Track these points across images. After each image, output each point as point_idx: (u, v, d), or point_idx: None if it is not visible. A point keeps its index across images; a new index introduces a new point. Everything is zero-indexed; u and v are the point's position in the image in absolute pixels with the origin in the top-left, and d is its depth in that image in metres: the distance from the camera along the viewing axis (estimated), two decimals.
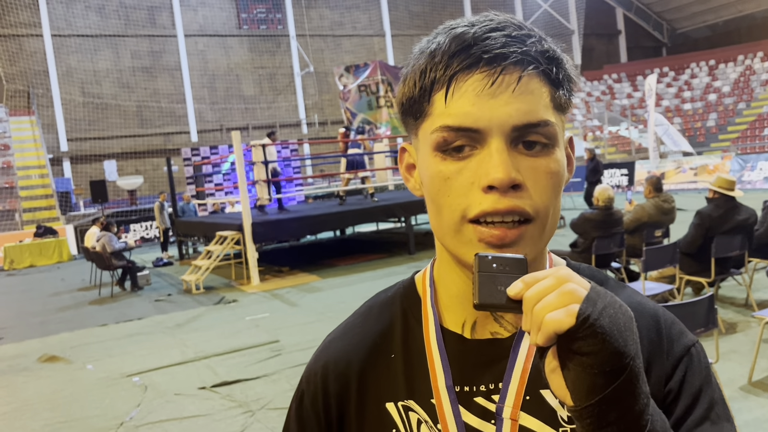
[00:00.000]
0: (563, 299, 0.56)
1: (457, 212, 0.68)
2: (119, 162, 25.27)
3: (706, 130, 26.97)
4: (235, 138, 10.53)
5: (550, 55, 0.68)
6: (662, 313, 0.77)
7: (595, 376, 0.56)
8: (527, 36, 0.68)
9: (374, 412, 0.78)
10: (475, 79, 0.66)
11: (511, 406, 0.72)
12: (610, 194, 6.46)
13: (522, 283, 0.59)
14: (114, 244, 10.65)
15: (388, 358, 0.79)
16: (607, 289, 0.77)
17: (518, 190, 0.66)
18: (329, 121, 29.15)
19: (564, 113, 0.72)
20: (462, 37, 0.67)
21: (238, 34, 28.48)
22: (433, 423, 0.74)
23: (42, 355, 6.90)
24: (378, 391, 0.78)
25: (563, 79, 0.70)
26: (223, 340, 6.78)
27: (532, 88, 0.67)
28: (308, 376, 0.84)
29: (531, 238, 0.68)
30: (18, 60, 24.21)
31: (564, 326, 0.55)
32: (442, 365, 0.75)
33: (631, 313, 0.59)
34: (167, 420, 4.69)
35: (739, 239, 5.80)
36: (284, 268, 11.42)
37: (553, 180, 0.69)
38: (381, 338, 0.81)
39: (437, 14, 32.05)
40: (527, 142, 0.67)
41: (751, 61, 30.50)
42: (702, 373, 0.73)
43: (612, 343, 0.55)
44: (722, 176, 5.91)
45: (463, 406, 0.74)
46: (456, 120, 0.67)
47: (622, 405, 0.56)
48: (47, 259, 16.79)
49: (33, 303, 10.75)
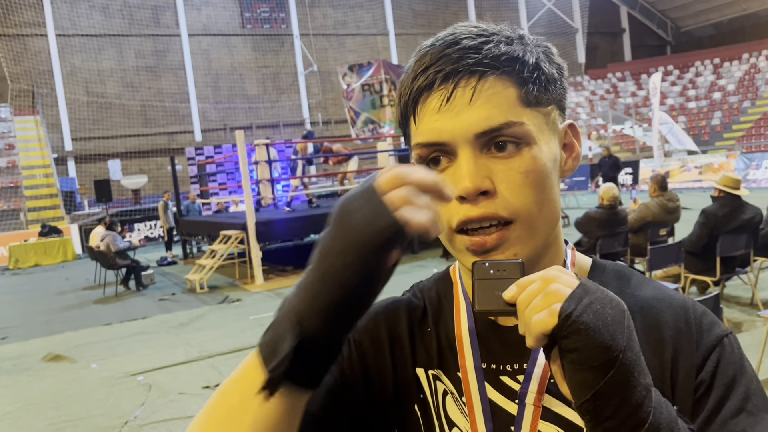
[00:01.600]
0: (547, 300, 0.58)
1: (445, 223, 0.71)
2: (123, 161, 25.33)
3: (710, 128, 26.87)
4: (239, 137, 10.54)
5: (508, 57, 0.70)
6: (692, 304, 0.76)
7: (585, 371, 0.57)
8: (484, 42, 0.70)
9: (406, 373, 0.80)
10: (434, 98, 0.70)
11: (535, 391, 0.72)
12: (615, 193, 6.44)
13: (516, 287, 0.61)
14: (118, 244, 10.67)
15: (424, 331, 0.82)
16: (632, 284, 0.78)
17: (489, 196, 0.68)
18: (333, 120, 29.16)
19: (542, 106, 0.72)
20: (422, 60, 0.71)
21: (241, 33, 28.51)
22: (458, 395, 0.76)
23: (46, 354, 6.92)
24: (413, 355, 0.81)
25: (529, 75, 0.70)
26: (226, 340, 6.78)
27: (491, 94, 0.68)
28: (368, 315, 0.83)
29: (518, 239, 0.70)
30: (22, 60, 24.27)
31: (548, 326, 0.57)
32: (471, 343, 0.77)
33: (623, 306, 0.60)
34: (171, 419, 4.70)
35: (744, 238, 5.78)
36: (288, 268, 11.43)
37: (531, 177, 0.69)
38: (422, 313, 0.84)
39: (441, 13, 32.04)
40: (498, 144, 0.69)
41: (756, 59, 30.39)
42: (736, 363, 0.71)
43: (597, 337, 0.56)
44: (727, 175, 5.88)
45: (489, 383, 0.75)
46: (424, 137, 0.71)
47: (616, 398, 0.57)
48: (52, 258, 16.84)
49: (37, 302, 10.78)
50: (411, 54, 0.75)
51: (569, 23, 35.67)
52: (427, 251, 11.71)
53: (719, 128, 26.67)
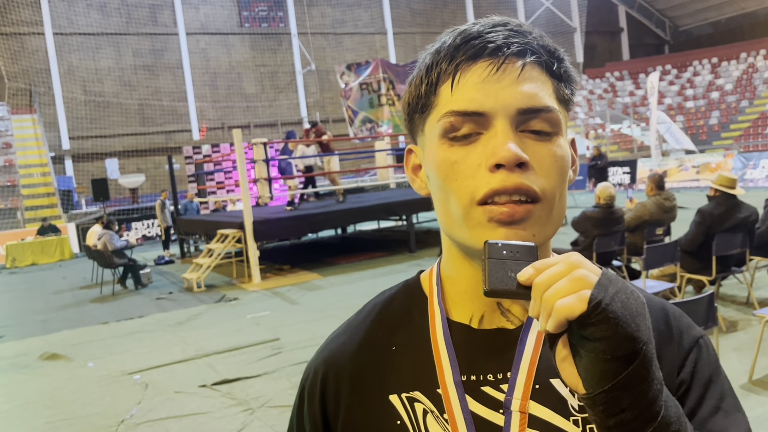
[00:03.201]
0: (574, 285, 0.56)
1: (466, 196, 0.69)
2: (121, 160, 25.30)
3: (708, 128, 26.90)
4: (236, 136, 10.54)
5: (551, 50, 0.72)
6: (669, 306, 0.78)
7: (607, 362, 0.55)
8: (528, 32, 0.71)
9: (378, 404, 0.77)
10: (479, 67, 0.69)
11: (520, 398, 0.71)
12: (612, 192, 6.45)
13: (533, 269, 0.59)
14: (115, 242, 10.66)
15: (390, 351, 0.79)
16: None
17: (524, 168, 0.67)
18: (331, 119, 29.13)
19: (566, 108, 0.74)
20: (466, 32, 0.71)
21: (239, 32, 28.48)
22: (439, 413, 0.74)
23: (43, 353, 6.91)
24: (380, 384, 0.78)
25: (564, 74, 0.72)
26: (223, 338, 6.78)
27: (535, 77, 0.70)
28: (308, 372, 0.85)
29: (539, 219, 0.69)
30: (20, 58, 24.23)
31: (576, 312, 0.55)
32: (449, 356, 0.75)
33: (643, 299, 0.59)
34: (167, 418, 4.70)
35: (740, 237, 5.79)
36: (285, 267, 11.43)
37: (558, 164, 0.70)
38: (383, 332, 0.81)
39: (439, 12, 32.02)
40: (532, 129, 0.69)
41: (753, 58, 30.43)
42: (712, 364, 0.73)
43: (625, 328, 0.55)
44: (723, 174, 5.89)
45: (470, 395, 0.73)
46: (462, 105, 0.69)
47: (635, 391, 0.56)
48: (49, 257, 16.82)
49: (35, 301, 10.77)
50: (409, 50, 0.75)
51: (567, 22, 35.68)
52: (424, 250, 11.72)
53: (717, 128, 26.69)
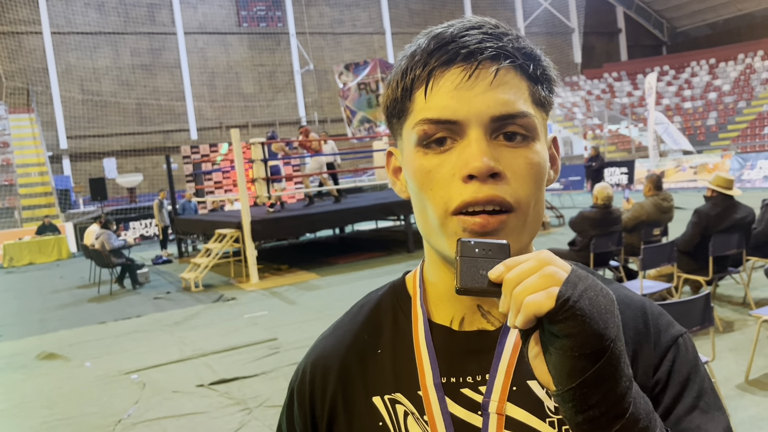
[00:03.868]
0: (544, 282, 0.56)
1: (441, 205, 0.69)
2: (119, 160, 25.27)
3: (706, 128, 26.95)
4: (234, 136, 10.53)
5: (526, 52, 0.70)
6: (649, 305, 0.78)
7: (575, 359, 0.56)
8: (503, 34, 0.70)
9: (362, 406, 0.78)
10: (452, 74, 0.68)
11: (497, 400, 0.72)
12: (609, 193, 6.46)
13: (503, 267, 0.59)
14: (113, 242, 10.65)
15: (375, 354, 0.80)
16: None
17: (497, 179, 0.67)
18: (329, 119, 29.13)
19: (544, 110, 0.73)
20: (440, 36, 0.70)
21: (237, 31, 28.46)
22: (419, 415, 0.74)
23: (40, 352, 6.90)
24: (365, 385, 0.79)
25: (541, 75, 0.71)
26: (221, 338, 6.78)
27: (509, 81, 0.69)
28: (297, 373, 0.86)
29: (513, 229, 0.69)
30: (17, 57, 24.19)
31: (544, 308, 0.55)
32: (430, 359, 0.76)
33: (613, 296, 0.59)
34: (165, 417, 4.70)
35: (736, 238, 5.80)
36: (283, 266, 11.42)
37: (534, 171, 0.69)
38: (369, 335, 0.82)
39: (437, 12, 32.03)
40: (507, 134, 0.68)
41: (751, 59, 30.48)
42: (690, 362, 0.73)
43: (592, 325, 0.55)
44: (720, 175, 5.91)
45: (449, 397, 0.74)
46: (435, 113, 0.68)
47: (603, 387, 0.56)
48: (46, 256, 16.80)
49: (32, 300, 10.75)
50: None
51: (565, 23, 35.71)
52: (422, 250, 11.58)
53: (714, 128, 26.74)
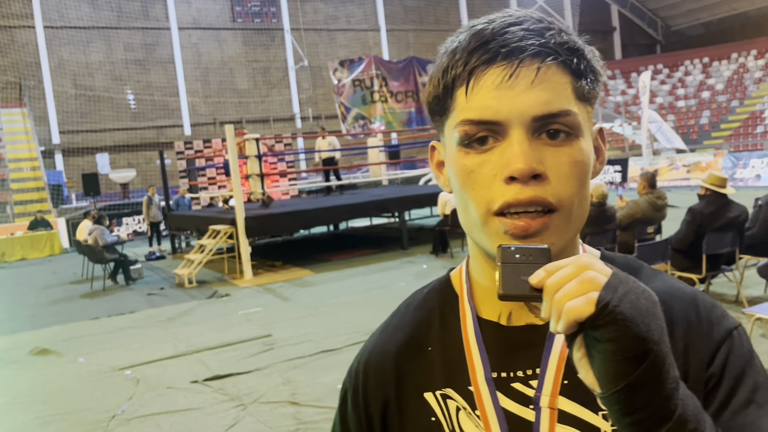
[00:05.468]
0: (583, 287, 0.56)
1: (482, 205, 0.69)
2: (112, 155, 25.15)
3: (699, 127, 27.07)
4: (228, 132, 10.50)
5: (569, 47, 0.69)
6: (701, 297, 0.76)
7: (618, 362, 0.56)
8: (546, 29, 0.69)
9: (414, 402, 0.79)
10: (493, 73, 0.68)
11: (549, 394, 0.72)
12: (604, 191, 6.48)
13: (544, 272, 0.59)
14: (106, 238, 10.61)
15: (425, 351, 0.81)
16: (641, 277, 0.77)
17: (540, 180, 0.67)
18: (323, 115, 29.07)
19: (589, 104, 0.72)
20: (481, 34, 0.69)
21: (232, 27, 28.36)
22: (471, 409, 0.75)
23: (33, 348, 6.88)
24: (416, 382, 0.80)
25: (585, 69, 0.70)
26: (215, 334, 6.77)
27: (551, 79, 0.68)
28: (350, 374, 0.87)
29: (556, 229, 0.68)
30: (10, 51, 24.02)
31: (584, 314, 0.55)
32: (480, 354, 0.76)
33: (656, 297, 0.59)
34: (159, 413, 4.69)
35: (730, 236, 5.83)
36: (277, 263, 11.42)
37: (577, 169, 0.69)
38: (418, 332, 0.83)
39: (432, 9, 32.00)
40: (550, 132, 0.68)
41: (744, 59, 30.62)
42: (745, 356, 0.71)
43: (633, 329, 0.55)
44: (714, 173, 5.93)
45: (501, 392, 0.74)
46: (476, 113, 0.68)
47: (648, 390, 0.56)
48: (39, 252, 16.71)
49: (24, 296, 10.70)
50: (402, 47, 0.73)
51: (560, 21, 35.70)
52: (416, 247, 11.74)
53: (708, 127, 26.87)
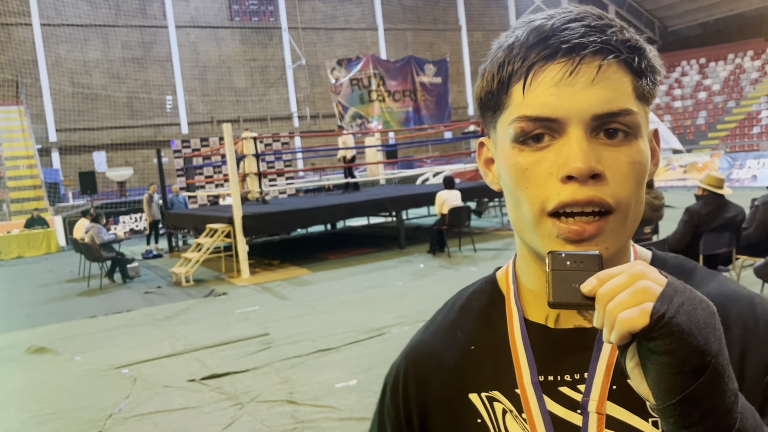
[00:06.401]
0: (637, 297, 0.54)
1: (536, 204, 0.67)
2: (109, 153, 25.09)
3: (695, 128, 27.13)
4: (226, 130, 10.49)
5: (631, 45, 0.67)
6: (759, 300, 0.73)
7: (674, 375, 0.54)
8: (607, 26, 0.67)
9: (458, 402, 0.78)
10: (553, 69, 0.66)
11: (597, 399, 0.71)
12: None
13: (596, 280, 0.57)
14: (103, 236, 10.59)
15: (469, 351, 0.80)
16: (695, 278, 0.74)
17: (598, 180, 0.65)
18: (321, 114, 29.06)
19: (648, 104, 0.71)
20: (540, 29, 0.67)
21: (229, 25, 28.31)
22: (518, 412, 0.74)
23: (30, 346, 6.87)
24: (461, 382, 0.79)
25: (646, 68, 0.68)
26: (212, 333, 6.77)
27: (612, 77, 0.66)
28: (392, 369, 0.86)
29: (612, 231, 0.66)
30: (6, 49, 23.94)
31: (638, 325, 0.53)
32: (527, 357, 0.75)
33: (713, 307, 0.56)
34: (156, 412, 4.69)
35: (727, 236, 5.85)
36: (274, 262, 11.41)
37: (636, 170, 0.67)
38: (462, 332, 0.82)
39: (430, 8, 31.98)
40: (608, 131, 0.66)
41: (741, 59, 30.69)
42: None
43: (690, 341, 0.53)
44: (711, 174, 5.96)
45: (547, 395, 0.73)
46: (534, 110, 0.66)
47: (706, 403, 0.54)
48: (35, 250, 16.67)
49: (21, 294, 10.68)
50: (400, 46, 0.71)
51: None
52: (414, 247, 11.74)
53: (704, 128, 26.93)
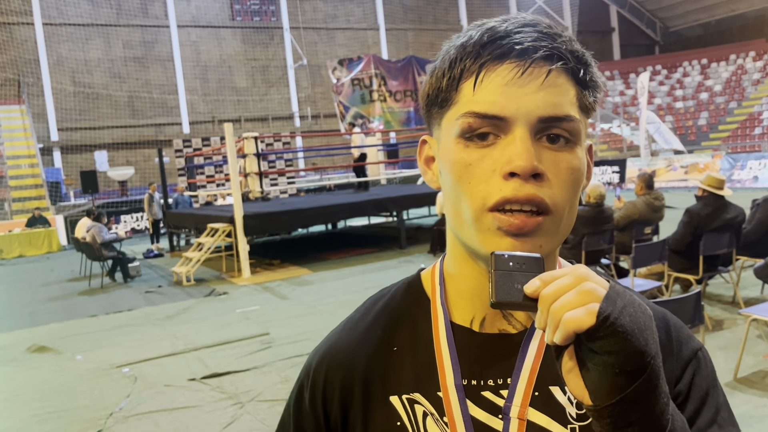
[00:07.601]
0: (582, 298, 0.55)
1: (478, 200, 0.68)
2: (110, 152, 25.12)
3: (697, 128, 27.11)
4: (227, 130, 10.50)
5: (578, 56, 0.69)
6: (670, 316, 0.77)
7: (616, 375, 0.55)
8: (558, 35, 0.69)
9: (378, 405, 0.77)
10: (504, 69, 0.67)
11: (519, 405, 0.72)
12: (602, 191, 6.49)
13: (539, 281, 0.58)
14: (104, 235, 10.61)
15: (391, 352, 0.79)
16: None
17: (539, 180, 0.66)
18: (322, 114, 29.08)
19: (588, 116, 0.72)
20: (494, 30, 0.69)
21: (231, 25, 28.33)
22: (438, 416, 0.74)
23: (31, 345, 6.88)
24: (382, 384, 0.78)
25: (589, 81, 0.70)
26: (213, 332, 6.78)
27: (559, 84, 0.67)
28: (308, 369, 0.84)
29: (547, 231, 0.68)
30: (8, 48, 23.97)
31: (584, 325, 0.55)
32: (451, 359, 0.75)
33: (651, 312, 0.59)
34: (157, 411, 4.70)
35: (727, 237, 5.86)
36: (275, 261, 11.42)
37: (574, 176, 0.69)
38: (384, 332, 0.80)
39: (431, 8, 32.00)
40: (551, 136, 0.67)
41: (743, 60, 30.65)
42: (709, 377, 0.74)
43: (633, 342, 0.55)
44: (712, 175, 5.96)
45: (470, 400, 0.73)
46: (483, 107, 0.67)
47: (643, 405, 0.56)
48: (36, 249, 16.69)
49: (22, 293, 10.69)
50: (401, 46, 0.72)
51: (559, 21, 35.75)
52: (414, 247, 11.75)
53: (705, 128, 26.90)
